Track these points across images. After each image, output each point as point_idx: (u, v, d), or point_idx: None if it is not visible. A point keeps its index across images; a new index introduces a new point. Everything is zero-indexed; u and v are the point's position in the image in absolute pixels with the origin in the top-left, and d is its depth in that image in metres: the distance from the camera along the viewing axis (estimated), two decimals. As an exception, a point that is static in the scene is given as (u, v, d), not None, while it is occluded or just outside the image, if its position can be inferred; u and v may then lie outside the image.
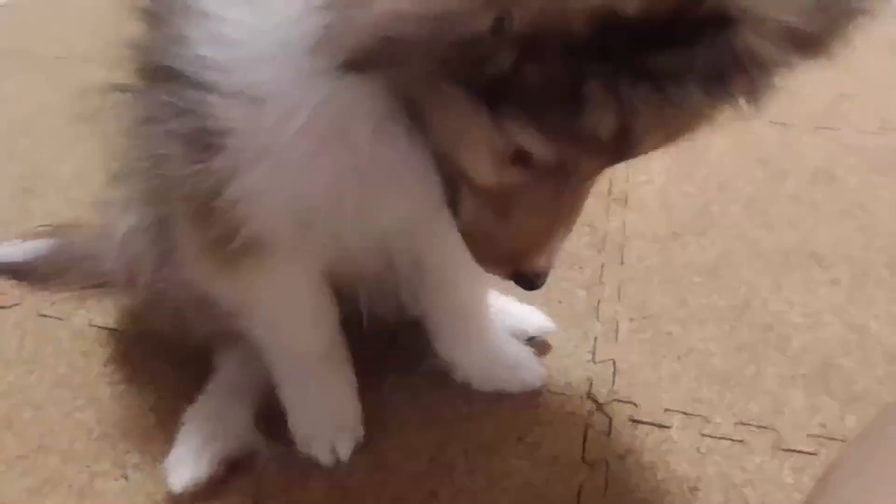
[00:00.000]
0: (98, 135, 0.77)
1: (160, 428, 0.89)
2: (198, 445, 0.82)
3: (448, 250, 0.81)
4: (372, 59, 0.49)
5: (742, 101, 0.49)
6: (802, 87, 1.50)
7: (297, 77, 0.56)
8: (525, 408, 0.89)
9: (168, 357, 0.96)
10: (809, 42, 0.46)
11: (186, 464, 0.80)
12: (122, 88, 0.70)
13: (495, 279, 0.91)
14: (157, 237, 0.81)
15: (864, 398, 0.90)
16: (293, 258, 0.73)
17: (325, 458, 0.84)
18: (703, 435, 0.86)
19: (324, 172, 0.61)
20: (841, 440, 0.85)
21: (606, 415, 0.88)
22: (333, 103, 0.57)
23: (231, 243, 0.67)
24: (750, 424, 0.87)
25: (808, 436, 0.86)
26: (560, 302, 1.04)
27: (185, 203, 0.69)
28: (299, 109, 0.57)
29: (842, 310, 1.02)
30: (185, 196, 0.67)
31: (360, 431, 0.86)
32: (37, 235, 1.11)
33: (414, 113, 0.57)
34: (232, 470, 0.83)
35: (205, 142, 0.60)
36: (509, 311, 0.97)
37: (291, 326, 0.82)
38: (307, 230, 0.67)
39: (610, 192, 1.24)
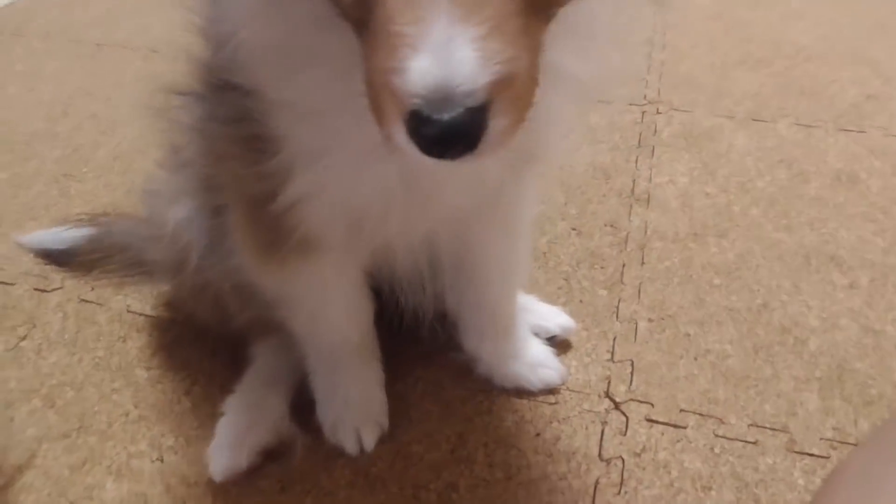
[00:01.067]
0: (149, 127, 0.81)
1: (194, 412, 0.93)
2: (237, 436, 0.86)
3: (485, 248, 0.85)
4: None
5: None
6: (828, 87, 1.51)
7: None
8: (544, 404, 0.92)
9: (200, 343, 1.01)
10: None
11: (227, 454, 0.85)
12: (183, 92, 0.73)
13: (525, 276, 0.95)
14: (205, 227, 0.85)
15: (878, 402, 0.92)
16: (339, 254, 0.76)
17: (350, 446, 0.87)
18: (717, 435, 0.88)
19: (373, 175, 0.64)
20: (853, 444, 0.87)
21: (623, 413, 0.91)
22: None
23: (283, 241, 0.71)
24: (764, 426, 0.89)
25: (822, 439, 0.88)
26: (581, 301, 1.06)
27: (242, 200, 0.73)
28: (350, 119, 0.60)
29: (859, 313, 1.03)
30: (243, 194, 0.71)
31: (385, 422, 0.90)
32: (77, 223, 1.15)
33: None
34: (267, 458, 0.87)
35: (262, 146, 0.63)
36: (532, 309, 1.00)
37: (331, 318, 0.85)
38: (357, 229, 0.70)
39: (633, 191, 1.25)
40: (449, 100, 0.40)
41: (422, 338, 0.96)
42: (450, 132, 0.41)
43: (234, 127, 0.65)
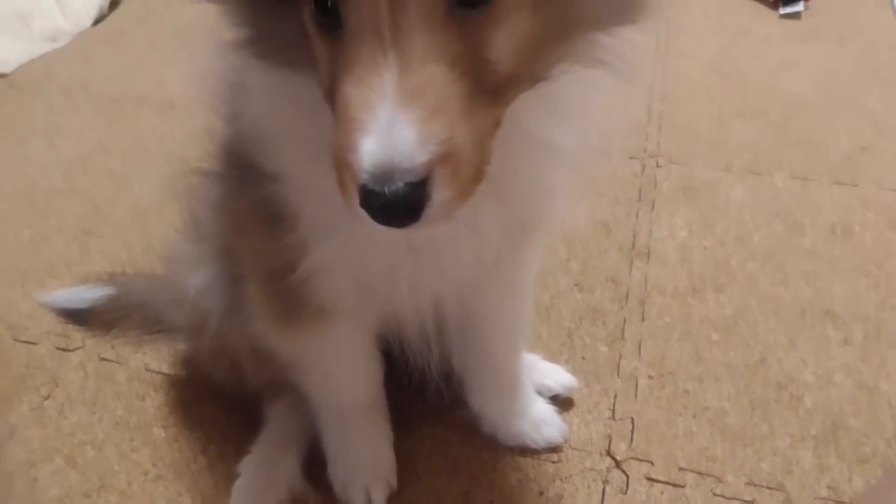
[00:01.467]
0: (164, 186, 0.86)
1: (210, 471, 0.97)
2: (253, 498, 0.89)
3: (489, 310, 0.89)
4: None
5: None
6: (823, 137, 1.54)
7: None
8: (547, 462, 0.95)
9: (216, 402, 1.05)
10: None
11: None
12: (204, 173, 0.78)
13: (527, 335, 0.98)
14: (224, 293, 0.89)
15: (872, 460, 0.95)
16: (351, 320, 0.81)
17: (360, 504, 0.91)
18: (714, 494, 0.91)
19: (381, 248, 0.68)
20: (847, 503, 0.89)
21: (624, 472, 0.94)
22: None
23: (298, 309, 0.75)
24: (760, 485, 0.92)
25: (817, 498, 0.91)
26: (583, 358, 1.09)
27: (260, 273, 0.78)
28: None
29: (853, 369, 1.06)
30: (262, 267, 0.76)
31: (394, 480, 0.93)
32: (97, 282, 1.19)
33: None
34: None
35: (279, 223, 0.68)
36: (536, 367, 1.04)
37: (342, 380, 0.89)
38: (368, 297, 0.74)
39: (633, 245, 1.29)
40: (390, 176, 0.45)
41: (429, 395, 0.99)
42: (392, 204, 0.46)
43: (253, 205, 0.69)
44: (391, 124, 0.45)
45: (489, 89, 0.50)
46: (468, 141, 0.48)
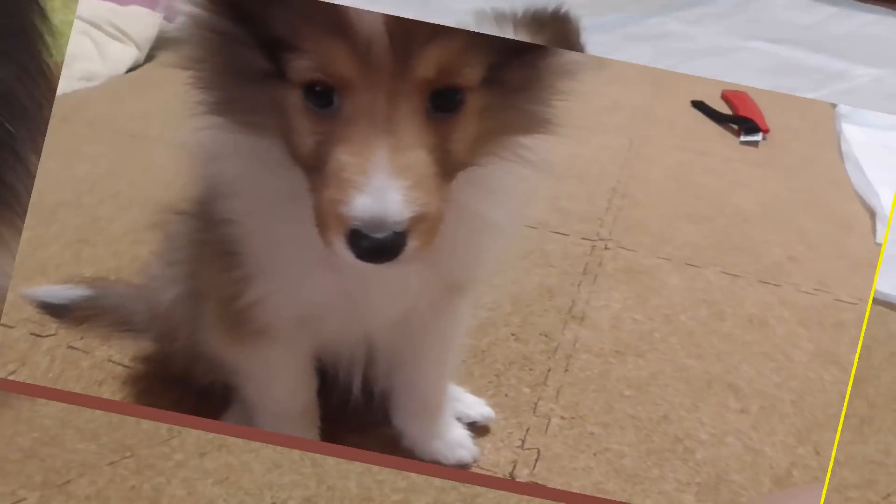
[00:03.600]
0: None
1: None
2: None
3: (416, 355, 1.03)
4: None
5: None
6: (758, 245, 1.70)
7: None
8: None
9: (167, 395, 1.15)
10: None
11: None
12: (178, 212, 0.99)
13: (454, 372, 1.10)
14: (192, 307, 1.02)
15: (746, 510, 1.05)
16: (288, 342, 0.95)
17: None
18: (599, 521, 1.00)
19: (315, 286, 0.84)
20: (717, 541, 0.99)
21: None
22: None
23: (243, 329, 0.90)
24: (642, 520, 1.02)
25: (692, 537, 1.00)
26: (506, 395, 1.21)
27: (213, 295, 0.94)
28: (297, 243, 0.79)
29: (745, 434, 1.17)
30: (216, 293, 0.92)
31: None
32: (80, 282, 1.31)
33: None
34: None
35: (231, 260, 0.84)
36: (460, 398, 1.15)
37: (277, 391, 1.02)
38: (303, 326, 0.90)
39: (571, 310, 1.42)
40: (381, 225, 0.61)
41: (357, 411, 1.09)
42: (381, 246, 0.62)
43: (213, 243, 0.86)
44: (384, 188, 0.60)
45: (448, 170, 0.68)
46: (435, 206, 0.65)
